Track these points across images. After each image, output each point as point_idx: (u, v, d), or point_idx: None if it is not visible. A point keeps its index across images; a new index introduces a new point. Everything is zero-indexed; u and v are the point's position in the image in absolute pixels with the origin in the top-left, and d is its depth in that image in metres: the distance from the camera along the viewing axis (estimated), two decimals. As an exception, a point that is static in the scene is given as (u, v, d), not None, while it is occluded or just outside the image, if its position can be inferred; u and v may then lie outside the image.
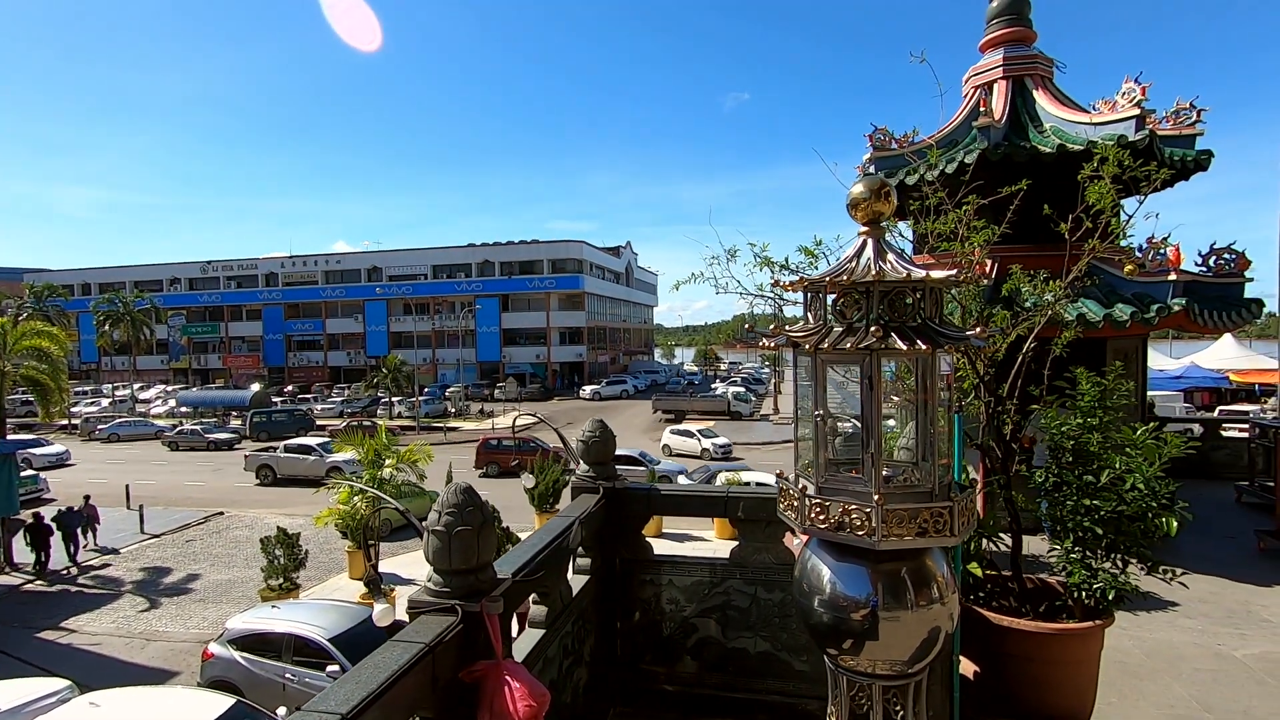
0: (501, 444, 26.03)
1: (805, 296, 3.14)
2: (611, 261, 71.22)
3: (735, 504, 3.94)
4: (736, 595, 4.00)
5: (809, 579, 3.03)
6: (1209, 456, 14.66)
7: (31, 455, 29.41)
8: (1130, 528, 4.18)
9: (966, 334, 2.73)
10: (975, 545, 4.75)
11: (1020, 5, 11.77)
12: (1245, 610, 7.80)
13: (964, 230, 4.75)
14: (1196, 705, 5.70)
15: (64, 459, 31.17)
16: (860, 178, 3.11)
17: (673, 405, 41.68)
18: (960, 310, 4.94)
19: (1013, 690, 4.35)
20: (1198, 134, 10.66)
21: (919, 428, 2.96)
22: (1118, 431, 4.39)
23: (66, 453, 31.79)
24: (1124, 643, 6.87)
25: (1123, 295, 9.94)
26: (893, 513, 2.73)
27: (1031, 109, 11.61)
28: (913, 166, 9.08)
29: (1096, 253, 4.76)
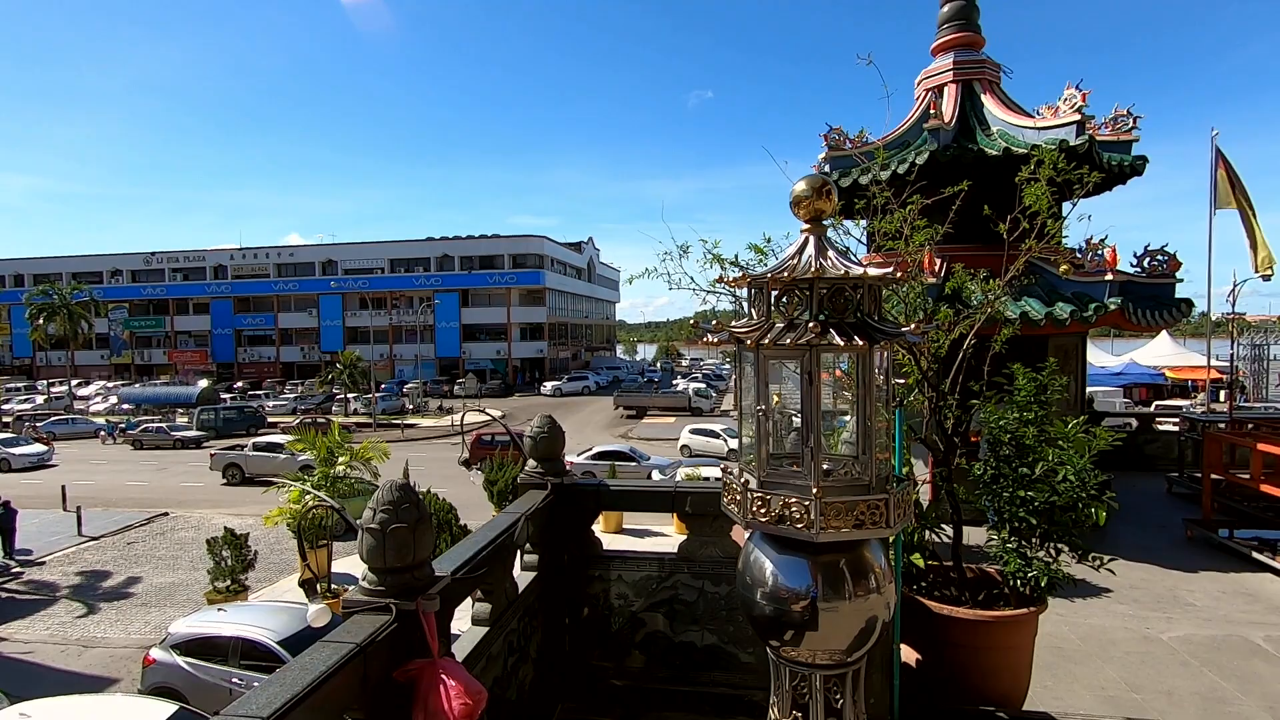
0: (495, 439, 25.81)
1: (749, 293, 3.18)
2: (573, 257, 70.91)
3: (683, 499, 3.97)
4: (684, 589, 4.03)
5: (751, 572, 3.07)
6: (1143, 449, 15.35)
7: (10, 455, 27.48)
8: (1062, 517, 4.34)
9: (903, 330, 2.79)
10: (918, 536, 4.88)
11: (969, 11, 12.09)
12: (1172, 595, 8.19)
13: (908, 229, 4.86)
14: (1125, 686, 5.97)
15: (45, 459, 28.65)
16: (805, 176, 3.15)
17: (635, 401, 41.76)
18: (905, 307, 5.05)
19: (952, 676, 4.48)
20: (1134, 140, 11.11)
21: (858, 422, 3.03)
22: (1052, 425, 4.55)
23: (49, 452, 29.30)
24: (1060, 628, 7.15)
25: (1063, 294, 10.31)
26: (831, 505, 2.78)
27: (979, 112, 11.94)
28: (864, 166, 9.25)
29: (1034, 253, 4.92)
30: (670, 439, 29.94)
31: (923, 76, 12.68)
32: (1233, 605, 7.88)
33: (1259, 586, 8.42)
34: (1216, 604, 7.92)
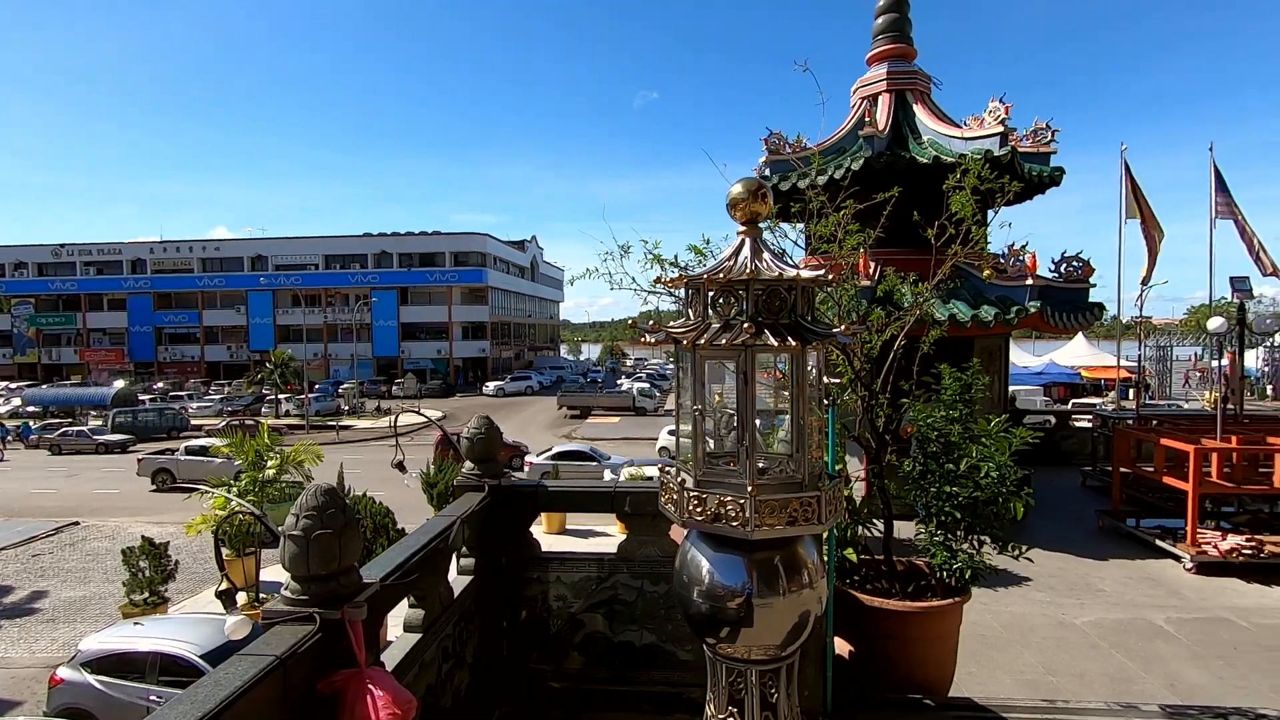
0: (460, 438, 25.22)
1: (687, 293, 3.20)
2: (517, 256, 70.11)
3: (622, 499, 3.97)
4: (623, 589, 4.04)
5: (688, 570, 3.10)
6: (1060, 445, 16.23)
7: None
8: (985, 511, 4.55)
9: (833, 331, 2.86)
10: (851, 532, 5.02)
11: (902, 24, 12.53)
12: (1085, 582, 8.69)
13: (841, 234, 5.00)
14: (1042, 669, 6.30)
15: None
16: (742, 179, 3.19)
17: (578, 401, 41.60)
18: (838, 309, 5.19)
19: (883, 666, 4.63)
20: (1052, 152, 11.74)
21: (792, 421, 3.09)
22: (975, 423, 4.76)
23: None
24: (985, 617, 7.49)
25: (988, 298, 10.81)
26: (765, 503, 2.83)
27: (911, 121, 12.39)
28: (802, 171, 9.46)
29: (960, 258, 5.13)
30: (615, 439, 29.96)
31: (858, 85, 13.07)
32: (1138, 590, 8.42)
33: (1161, 572, 9.02)
34: (1124, 589, 8.45)
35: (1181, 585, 8.55)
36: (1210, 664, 6.41)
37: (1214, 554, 8.85)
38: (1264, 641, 6.85)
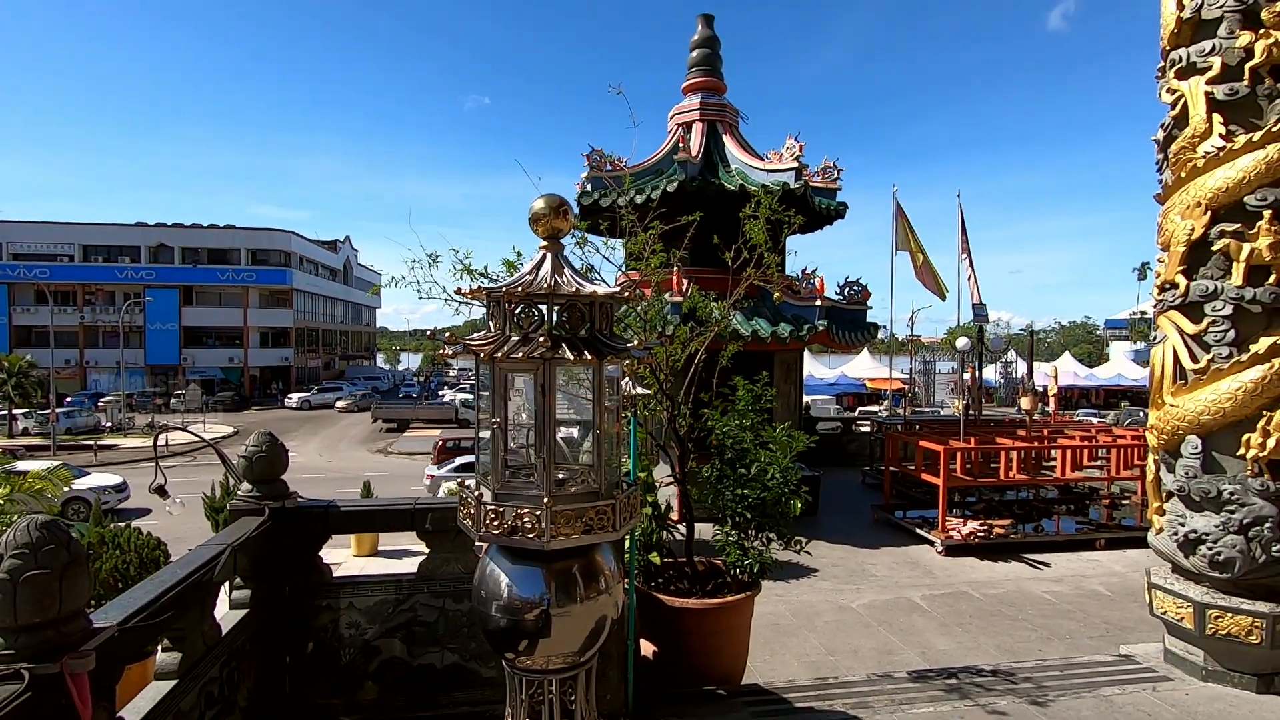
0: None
1: (488, 306, 3.19)
2: (327, 257, 64.77)
3: (423, 516, 3.83)
4: (424, 610, 3.88)
5: (487, 585, 3.06)
6: (846, 448, 18.25)
7: None
8: (772, 510, 5.00)
9: (628, 346, 3.01)
10: (657, 537, 5.27)
11: (713, 60, 13.50)
12: (861, 569, 9.84)
13: (647, 252, 5.26)
14: (824, 650, 7.02)
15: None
16: (544, 195, 3.24)
17: (396, 414, 39.29)
18: (644, 324, 5.44)
19: (684, 662, 4.89)
20: (838, 188, 13.26)
21: (592, 431, 3.18)
22: (765, 431, 5.22)
23: None
24: (779, 607, 8.19)
25: (785, 316, 11.93)
26: (561, 513, 2.88)
27: (721, 151, 13.35)
28: (622, 189, 9.83)
29: (754, 279, 5.61)
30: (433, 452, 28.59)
31: (675, 112, 13.84)
32: (902, 573, 9.70)
33: (919, 555, 10.47)
34: (891, 573, 9.68)
35: (934, 566, 9.98)
36: (953, 631, 7.55)
37: (958, 538, 10.44)
38: (990, 609, 8.21)
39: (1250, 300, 4.50)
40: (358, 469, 22.28)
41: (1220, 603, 4.62)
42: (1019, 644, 7.09)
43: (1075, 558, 10.34)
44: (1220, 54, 4.62)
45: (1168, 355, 4.91)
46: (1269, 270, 4.48)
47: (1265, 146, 4.45)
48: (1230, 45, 4.58)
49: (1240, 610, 4.55)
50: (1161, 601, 4.98)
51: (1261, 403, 4.46)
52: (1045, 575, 9.57)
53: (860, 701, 4.50)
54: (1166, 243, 4.94)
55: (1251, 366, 4.47)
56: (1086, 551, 10.63)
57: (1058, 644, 7.02)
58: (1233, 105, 4.60)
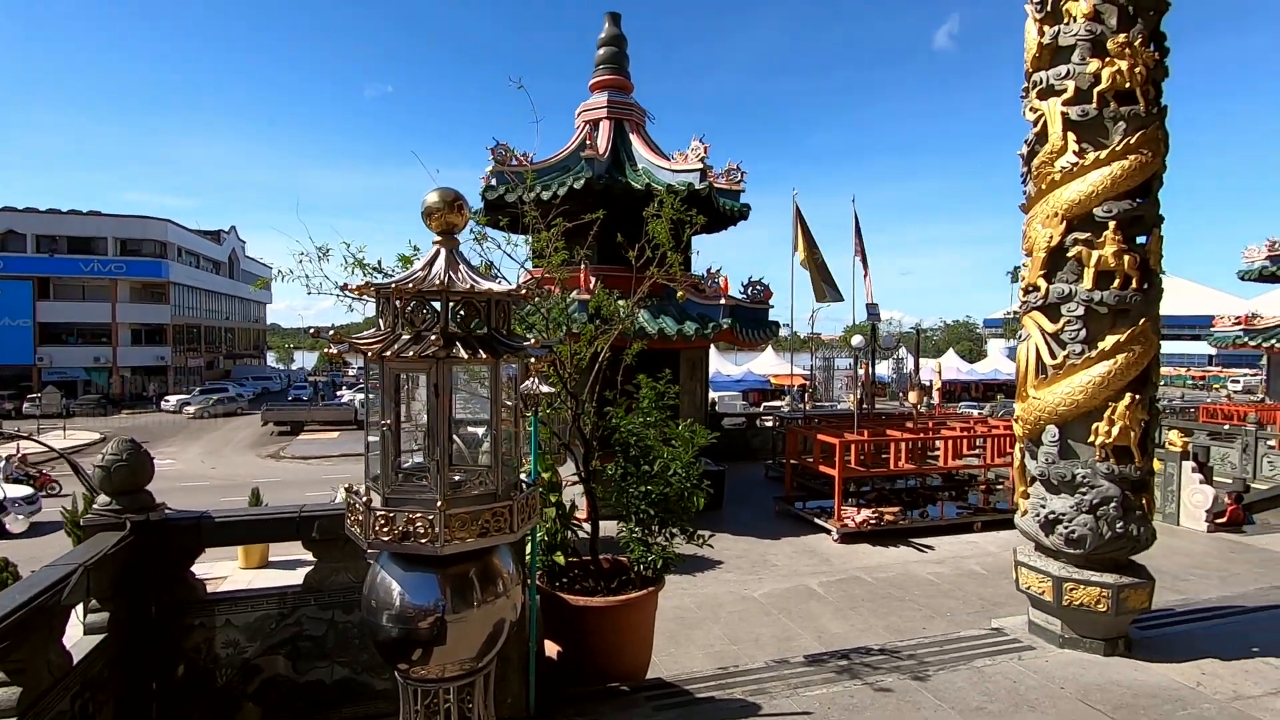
0: None
1: (378, 303, 3.05)
2: (210, 248, 60.15)
3: (309, 524, 3.62)
4: (311, 623, 3.68)
5: (377, 595, 2.94)
6: (750, 442, 18.81)
7: None
8: (675, 506, 5.08)
9: (525, 344, 2.96)
10: (561, 536, 5.23)
11: (620, 58, 13.54)
12: (764, 560, 10.17)
13: (550, 249, 5.21)
14: (727, 640, 7.21)
15: None
16: (438, 188, 3.14)
17: (289, 416, 37.04)
18: (546, 322, 5.39)
19: (588, 660, 4.88)
20: (741, 190, 13.63)
21: (490, 432, 3.11)
22: (667, 427, 5.29)
23: None
24: (684, 600, 8.34)
25: (691, 315, 12.15)
26: (455, 517, 2.80)
27: (629, 150, 13.42)
28: (524, 186, 9.68)
29: (658, 278, 5.67)
30: (335, 456, 27.22)
31: (582, 109, 13.78)
32: (801, 561, 10.11)
33: (817, 544, 10.95)
34: (791, 562, 10.07)
35: (830, 554, 10.47)
36: (847, 615, 7.94)
37: (852, 526, 11.00)
38: (880, 592, 8.70)
39: (1098, 302, 4.98)
40: (246, 476, 20.85)
41: (1074, 576, 5.10)
42: (905, 623, 7.55)
43: (956, 540, 11.13)
44: (1074, 78, 5.08)
45: (1031, 352, 5.36)
46: (1114, 275, 4.97)
47: (1110, 164, 4.94)
48: (1082, 71, 5.05)
49: (1091, 582, 5.03)
50: (1026, 577, 5.43)
51: (1107, 395, 4.95)
52: (929, 558, 10.25)
53: (759, 688, 4.66)
54: (1030, 249, 5.39)
55: (1099, 362, 4.95)
56: (966, 534, 11.47)
57: (939, 621, 7.53)
58: (1084, 125, 5.07)
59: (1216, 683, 4.74)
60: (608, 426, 5.49)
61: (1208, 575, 8.87)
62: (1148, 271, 5.06)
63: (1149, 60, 4.99)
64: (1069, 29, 5.12)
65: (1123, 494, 4.98)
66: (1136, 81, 4.94)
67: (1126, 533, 4.99)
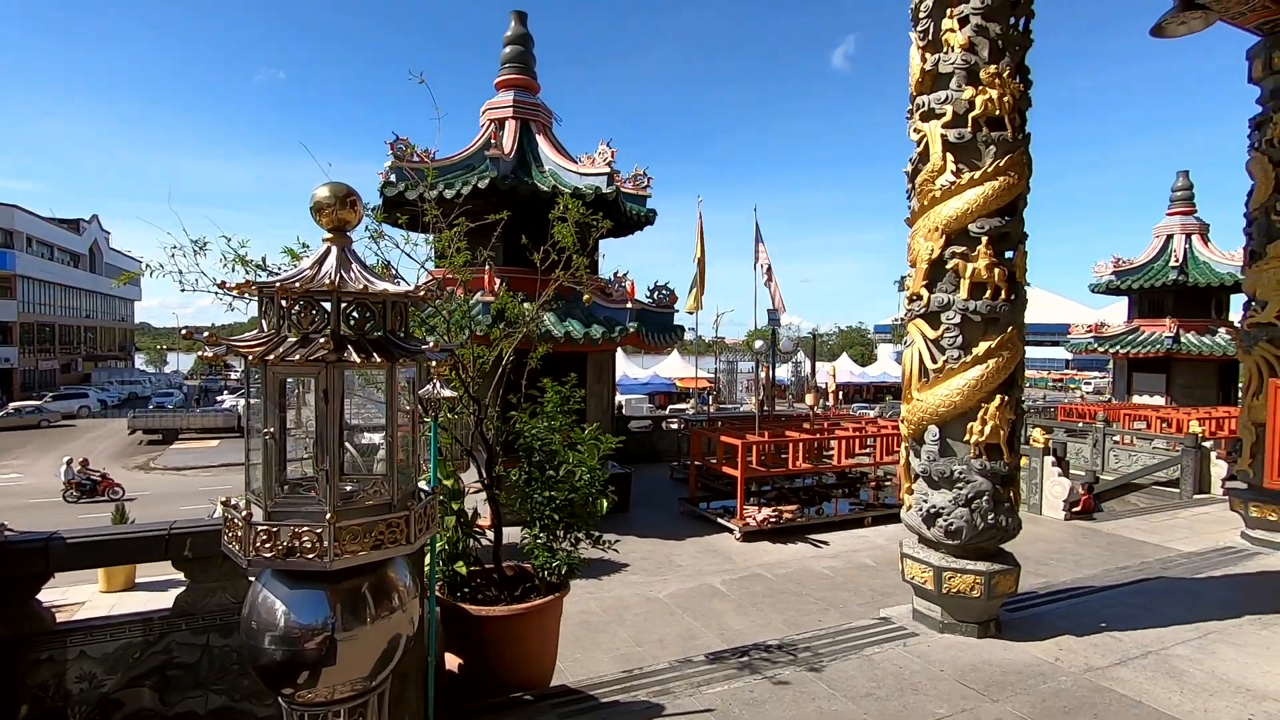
0: None
1: (260, 303, 2.86)
2: (67, 239, 54.37)
3: (180, 543, 3.32)
4: (182, 650, 3.38)
5: (259, 616, 2.75)
6: (656, 445, 19.03)
7: None
8: (580, 510, 5.05)
9: (423, 347, 2.86)
10: (463, 545, 5.08)
11: (526, 58, 13.38)
12: (669, 561, 10.32)
13: (451, 250, 5.06)
14: (632, 642, 7.25)
15: None
16: (328, 183, 2.98)
17: (160, 423, 34.02)
18: (447, 323, 5.24)
19: (491, 671, 4.76)
20: (648, 195, 13.80)
21: (385, 439, 2.98)
22: (572, 431, 5.26)
23: None
24: (590, 604, 8.32)
25: (598, 318, 12.16)
26: (346, 529, 2.67)
27: (535, 150, 13.28)
28: (427, 183, 9.39)
29: (563, 281, 5.63)
30: (214, 466, 25.23)
31: (487, 107, 13.51)
32: (705, 561, 10.32)
33: (721, 543, 11.23)
34: (695, 562, 10.26)
35: (733, 552, 10.76)
36: (748, 611, 8.18)
37: (753, 524, 11.35)
38: (780, 588, 9.02)
39: (973, 311, 5.39)
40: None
41: (952, 565, 5.48)
42: (803, 617, 7.87)
43: (849, 535, 11.73)
44: (952, 103, 5.48)
45: (915, 357, 5.73)
46: (986, 286, 5.40)
47: (983, 184, 5.37)
48: (959, 97, 5.46)
49: (966, 570, 5.43)
50: (910, 568, 5.79)
51: (980, 397, 5.36)
52: (825, 553, 10.74)
53: (662, 689, 4.70)
54: (914, 260, 5.76)
55: (974, 366, 5.36)
56: (858, 529, 12.11)
57: (834, 613, 7.89)
58: (961, 147, 5.48)
59: (1072, 657, 5.24)
60: (512, 431, 5.39)
61: (1064, 559, 9.79)
62: (1015, 284, 5.53)
63: (1015, 90, 5.46)
64: (948, 57, 5.52)
65: (994, 488, 5.40)
66: (1005, 109, 5.39)
67: (997, 524, 5.41)
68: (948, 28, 5.51)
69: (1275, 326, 8.02)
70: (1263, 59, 8.25)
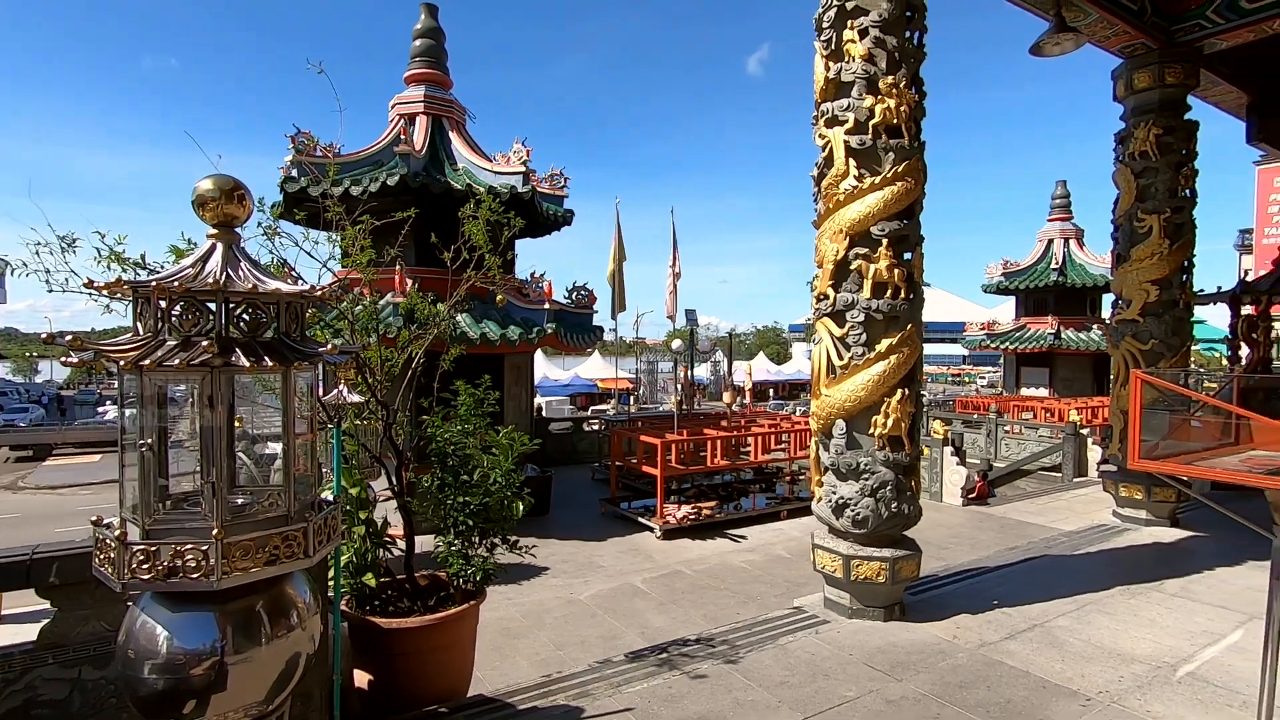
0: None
1: (135, 304, 2.65)
2: (-87, 233, 48.51)
3: (45, 567, 3.02)
4: (49, 685, 3.07)
5: (136, 642, 2.54)
6: (577, 446, 18.95)
7: None
8: (496, 515, 4.94)
9: (321, 350, 2.72)
10: (372, 556, 4.87)
11: (438, 52, 13.01)
12: (591, 562, 10.28)
13: (356, 249, 4.86)
14: (553, 646, 7.17)
15: None
16: (213, 175, 2.79)
17: (30, 438, 30.90)
18: (351, 325, 5.02)
19: (403, 685, 4.59)
20: (565, 195, 13.70)
21: (282, 447, 2.82)
22: (488, 434, 5.15)
23: None
24: (510, 610, 8.17)
25: (515, 319, 11.97)
26: (237, 545, 2.51)
27: (448, 148, 12.93)
28: (333, 178, 8.98)
29: (476, 281, 5.50)
30: (95, 484, 23.10)
31: (397, 101, 13.04)
32: (626, 561, 10.35)
33: (642, 542, 11.29)
34: (617, 562, 10.27)
35: (654, 550, 10.84)
36: (669, 609, 8.26)
37: (674, 522, 11.48)
38: (700, 583, 9.16)
39: (875, 310, 5.65)
40: (-34, 513, 17.05)
41: (860, 553, 5.72)
42: (721, 611, 8.02)
43: (766, 529, 12.05)
44: (854, 111, 5.73)
45: (823, 354, 5.95)
46: (887, 286, 5.67)
47: (883, 188, 5.63)
48: (860, 105, 5.71)
49: (873, 558, 5.68)
50: (821, 558, 6.01)
51: (883, 391, 5.63)
52: (743, 547, 10.99)
53: (582, 691, 4.67)
54: (821, 261, 5.98)
55: (877, 362, 5.62)
56: (774, 522, 12.46)
57: (751, 606, 8.08)
58: (862, 153, 5.73)
59: (967, 634, 5.57)
60: (424, 436, 5.22)
61: (962, 543, 10.43)
62: (913, 283, 5.83)
63: (911, 100, 5.77)
64: (850, 67, 5.76)
65: (897, 478, 5.68)
66: (902, 118, 5.68)
67: (900, 512, 5.69)
68: (849, 38, 5.75)
69: (1138, 323, 8.85)
70: (1124, 79, 9.08)
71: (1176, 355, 8.74)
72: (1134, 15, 8.29)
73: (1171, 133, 8.77)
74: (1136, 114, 8.99)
